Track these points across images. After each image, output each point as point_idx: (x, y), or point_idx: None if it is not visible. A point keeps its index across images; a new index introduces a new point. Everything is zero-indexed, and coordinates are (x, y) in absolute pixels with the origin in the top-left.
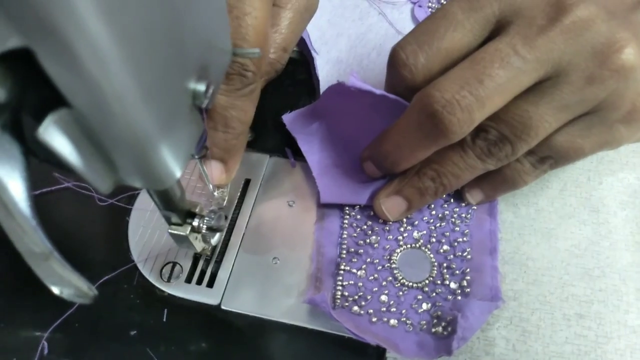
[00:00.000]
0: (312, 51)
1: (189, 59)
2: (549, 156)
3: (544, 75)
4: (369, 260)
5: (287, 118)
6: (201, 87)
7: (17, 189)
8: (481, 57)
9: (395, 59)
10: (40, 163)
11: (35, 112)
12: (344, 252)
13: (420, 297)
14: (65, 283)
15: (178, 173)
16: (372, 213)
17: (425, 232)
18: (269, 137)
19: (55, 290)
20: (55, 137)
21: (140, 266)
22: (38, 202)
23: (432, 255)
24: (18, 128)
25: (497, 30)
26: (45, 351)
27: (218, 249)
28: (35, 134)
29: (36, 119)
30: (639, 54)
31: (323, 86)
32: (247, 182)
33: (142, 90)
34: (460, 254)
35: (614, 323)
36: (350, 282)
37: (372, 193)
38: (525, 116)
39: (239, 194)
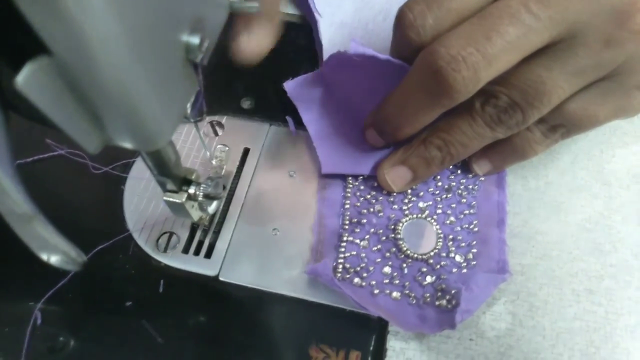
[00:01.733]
0: (316, 13)
1: (182, 8)
2: (561, 124)
3: (558, 37)
4: (372, 230)
5: (289, 85)
6: (195, 40)
7: None
8: (490, 13)
9: (401, 20)
10: (31, 128)
11: (13, 60)
12: (347, 222)
13: (424, 269)
14: (52, 248)
15: (170, 132)
16: (375, 183)
17: (430, 202)
18: (270, 105)
19: (42, 255)
20: (34, 88)
21: (135, 236)
22: (30, 170)
23: (437, 227)
24: None
25: None
26: (39, 322)
27: (216, 219)
28: (13, 84)
29: (14, 68)
30: None
31: (326, 50)
32: (247, 151)
33: (129, 36)
34: (466, 226)
35: (624, 299)
36: (352, 253)
37: (375, 163)
38: (538, 81)
39: (237, 163)
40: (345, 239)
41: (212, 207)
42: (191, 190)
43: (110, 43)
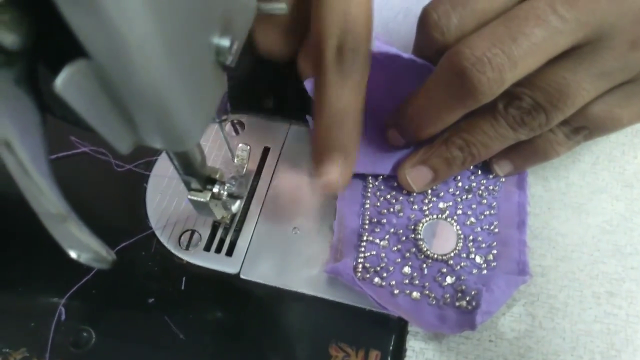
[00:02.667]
0: None
1: (213, 11)
2: (584, 126)
3: (584, 39)
4: (392, 230)
5: (309, 84)
6: (225, 43)
7: (33, 147)
8: (516, 15)
9: (425, 20)
10: (55, 125)
11: (52, 63)
12: (367, 222)
13: (444, 270)
14: (83, 247)
15: (200, 134)
16: (395, 183)
17: (451, 203)
18: (290, 105)
19: (73, 254)
20: (73, 91)
21: (158, 233)
22: (54, 167)
23: (458, 227)
24: (34, 81)
25: None
26: (63, 317)
27: (237, 218)
28: (52, 86)
29: (53, 70)
30: None
31: None
32: (267, 150)
33: (164, 41)
34: (487, 227)
35: None
36: (372, 253)
37: (395, 163)
38: (562, 83)
39: (258, 162)
40: (365, 238)
41: (235, 206)
42: (215, 190)
43: (147, 45)
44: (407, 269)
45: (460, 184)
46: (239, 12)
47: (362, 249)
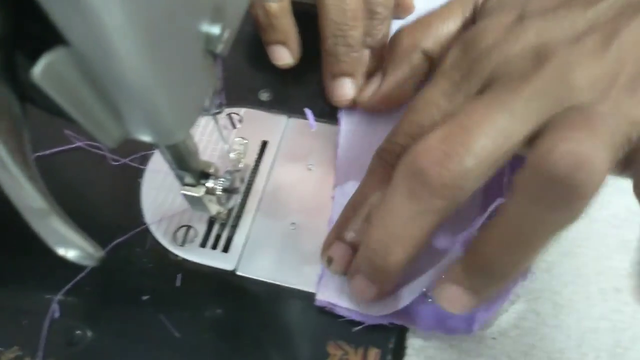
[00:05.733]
0: None
1: None
2: None
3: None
4: None
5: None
6: (215, 30)
7: (12, 138)
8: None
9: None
10: (51, 120)
11: (30, 52)
12: None
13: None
14: (69, 243)
15: (189, 125)
16: None
17: None
18: (288, 97)
19: (59, 251)
20: (51, 79)
21: (153, 229)
22: (48, 162)
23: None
24: (12, 70)
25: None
26: (57, 314)
27: (234, 213)
28: (30, 75)
29: (31, 58)
30: None
31: None
32: (264, 144)
33: (147, 26)
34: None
35: None
36: None
37: None
38: None
39: (255, 156)
40: None
41: (231, 202)
42: (209, 184)
43: (128, 32)
44: None
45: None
46: None
47: None
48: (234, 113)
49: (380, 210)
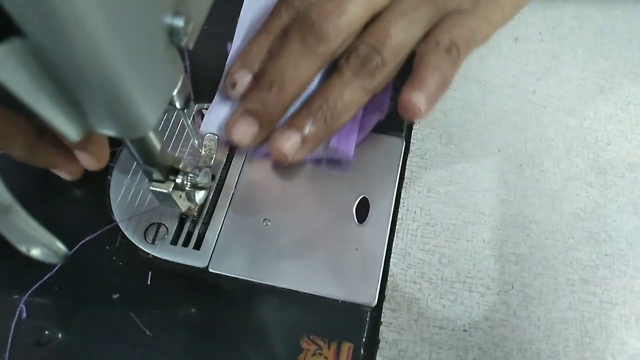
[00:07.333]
0: None
1: None
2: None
3: None
4: None
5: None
6: (178, 23)
7: None
8: None
9: None
10: None
11: None
12: None
13: None
14: (31, 240)
15: (154, 119)
16: None
17: None
18: None
19: (22, 248)
20: (7, 71)
21: (122, 227)
22: (11, 158)
23: None
24: None
25: None
26: (24, 315)
27: (206, 210)
28: None
29: None
30: None
31: None
32: None
33: (106, 16)
34: None
35: (619, 289)
36: None
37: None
38: (386, 28)
39: (227, 152)
40: None
41: (200, 197)
42: (178, 180)
43: (86, 23)
44: None
45: None
46: None
47: None
48: (205, 109)
49: (279, 53)
